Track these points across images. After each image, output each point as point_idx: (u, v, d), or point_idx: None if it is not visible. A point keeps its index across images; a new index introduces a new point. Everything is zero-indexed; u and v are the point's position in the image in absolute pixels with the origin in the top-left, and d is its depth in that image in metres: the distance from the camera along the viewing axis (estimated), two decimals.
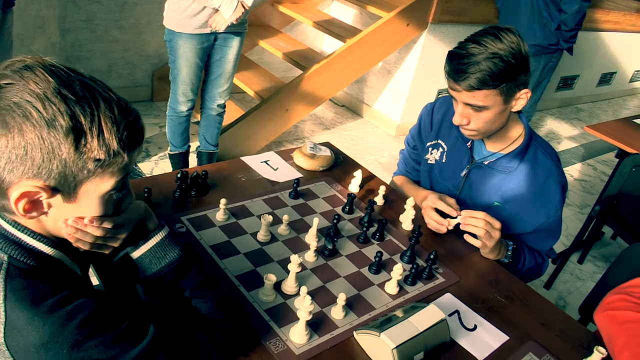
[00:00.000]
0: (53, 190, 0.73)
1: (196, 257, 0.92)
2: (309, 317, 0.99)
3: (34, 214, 0.75)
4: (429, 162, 1.60)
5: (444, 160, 1.56)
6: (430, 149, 1.60)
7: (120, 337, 0.75)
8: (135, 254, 0.89)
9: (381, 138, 3.99)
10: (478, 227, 1.32)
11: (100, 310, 0.74)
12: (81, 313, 0.72)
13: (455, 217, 1.36)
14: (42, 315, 0.70)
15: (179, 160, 2.82)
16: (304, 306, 0.98)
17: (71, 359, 0.71)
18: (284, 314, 1.07)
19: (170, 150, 2.81)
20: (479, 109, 1.30)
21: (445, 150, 1.55)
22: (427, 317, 1.05)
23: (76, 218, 0.77)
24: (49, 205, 0.75)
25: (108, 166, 0.74)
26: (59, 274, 0.78)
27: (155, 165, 2.96)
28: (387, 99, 4.14)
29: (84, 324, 0.72)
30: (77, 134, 0.70)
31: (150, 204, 1.25)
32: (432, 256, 1.26)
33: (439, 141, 1.57)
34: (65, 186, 0.73)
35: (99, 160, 0.72)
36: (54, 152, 0.69)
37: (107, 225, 0.80)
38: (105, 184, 0.75)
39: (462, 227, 1.35)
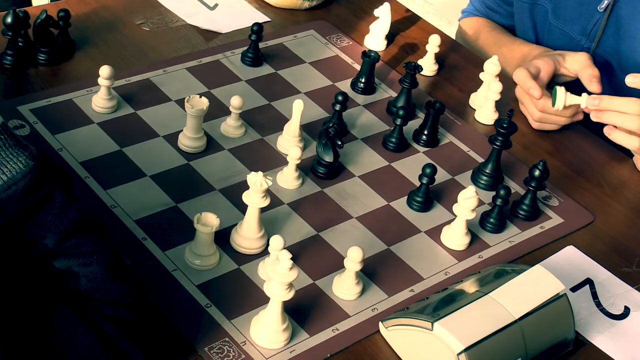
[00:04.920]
0: None
1: (62, 176, 0.93)
2: (289, 297, 1.01)
3: None
4: None
5: None
6: None
7: None
8: None
9: None
10: (627, 127, 1.34)
11: None
12: None
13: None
14: None
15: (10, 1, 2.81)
16: (278, 275, 0.99)
17: None
18: (239, 293, 1.10)
19: None
20: None
21: None
22: (529, 292, 1.06)
23: None
24: None
25: None
26: None
27: None
28: None
29: None
30: None
31: None
32: (536, 173, 1.26)
33: None
34: None
35: None
36: None
37: None
38: None
39: (593, 118, 1.37)
